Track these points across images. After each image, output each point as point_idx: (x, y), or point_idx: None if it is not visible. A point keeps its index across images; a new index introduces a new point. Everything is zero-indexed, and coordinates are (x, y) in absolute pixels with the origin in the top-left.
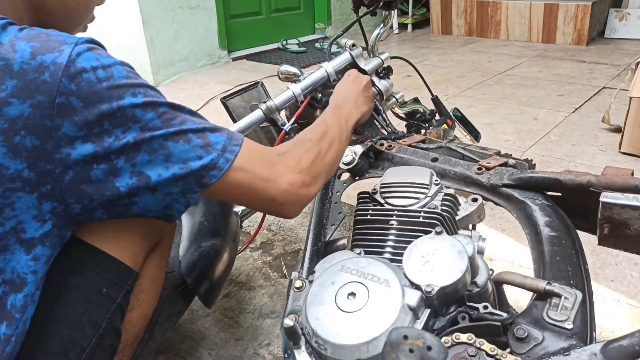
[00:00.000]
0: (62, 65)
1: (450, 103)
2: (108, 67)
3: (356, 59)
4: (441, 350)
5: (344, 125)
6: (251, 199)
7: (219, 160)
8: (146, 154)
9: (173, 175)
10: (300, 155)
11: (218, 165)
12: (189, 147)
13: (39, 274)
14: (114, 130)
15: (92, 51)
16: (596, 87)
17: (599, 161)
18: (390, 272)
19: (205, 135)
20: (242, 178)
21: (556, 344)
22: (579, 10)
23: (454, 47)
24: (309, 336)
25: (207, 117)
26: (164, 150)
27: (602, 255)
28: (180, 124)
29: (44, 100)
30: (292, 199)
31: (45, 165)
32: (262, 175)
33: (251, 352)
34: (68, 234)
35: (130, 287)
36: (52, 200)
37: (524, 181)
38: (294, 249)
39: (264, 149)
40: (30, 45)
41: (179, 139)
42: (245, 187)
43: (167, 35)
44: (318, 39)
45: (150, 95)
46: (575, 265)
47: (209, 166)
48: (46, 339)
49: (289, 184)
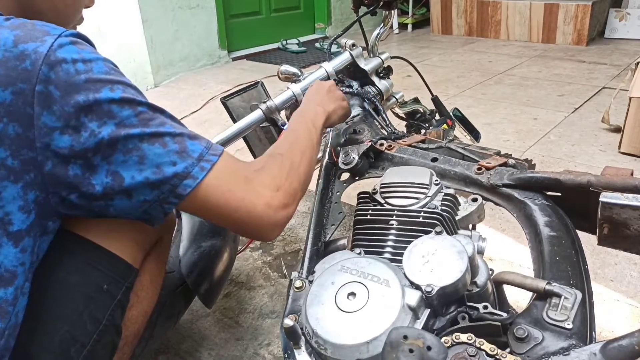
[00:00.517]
0: (42, 54)
1: (450, 103)
2: (88, 61)
3: (356, 59)
4: (441, 350)
5: (312, 128)
6: (227, 217)
7: (194, 169)
8: (121, 153)
9: (146, 179)
10: (275, 171)
11: (192, 174)
12: (164, 151)
13: (27, 265)
14: (89, 124)
15: (75, 45)
16: (596, 87)
17: (598, 161)
18: (390, 272)
19: (183, 140)
20: (217, 192)
21: (556, 344)
22: (579, 10)
23: (454, 47)
24: (309, 336)
25: (207, 117)
26: (139, 152)
27: (602, 255)
28: (158, 125)
29: (25, 87)
30: (271, 221)
31: (28, 153)
32: (238, 193)
33: (251, 352)
34: (50, 224)
35: (130, 284)
36: (35, 189)
37: (523, 181)
38: (294, 249)
39: (241, 163)
40: (13, 33)
41: (155, 141)
42: (221, 203)
43: (167, 35)
44: (318, 39)
45: (129, 93)
46: (575, 265)
47: (183, 174)
48: (46, 336)
49: (267, 205)
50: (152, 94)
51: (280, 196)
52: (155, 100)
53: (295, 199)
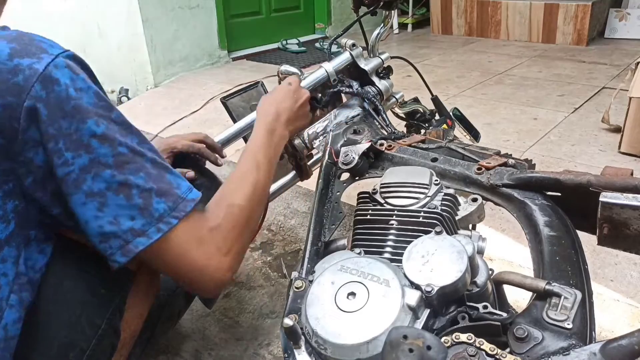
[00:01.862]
0: (37, 72)
1: (450, 103)
2: (79, 89)
3: (356, 59)
4: (441, 350)
5: (273, 159)
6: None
7: (150, 229)
8: (83, 195)
9: (99, 228)
10: (229, 232)
11: (147, 233)
12: (126, 204)
13: (10, 276)
14: (65, 152)
15: (70, 69)
16: (596, 87)
17: (598, 161)
18: (390, 272)
19: (149, 197)
20: (169, 254)
21: (556, 344)
22: (579, 10)
23: (454, 47)
24: (309, 336)
25: (207, 117)
26: (101, 199)
27: (602, 255)
28: (132, 172)
29: (14, 101)
30: (218, 283)
31: (10, 164)
32: (190, 257)
33: (251, 352)
34: (32, 234)
35: (127, 287)
36: (14, 198)
37: (523, 181)
38: (294, 249)
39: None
40: (9, 46)
41: (121, 191)
42: (171, 265)
43: (167, 35)
44: (318, 39)
45: (113, 130)
46: (575, 265)
47: (138, 231)
48: (45, 342)
49: (215, 269)
50: (152, 94)
51: (229, 260)
52: (155, 100)
53: (241, 257)
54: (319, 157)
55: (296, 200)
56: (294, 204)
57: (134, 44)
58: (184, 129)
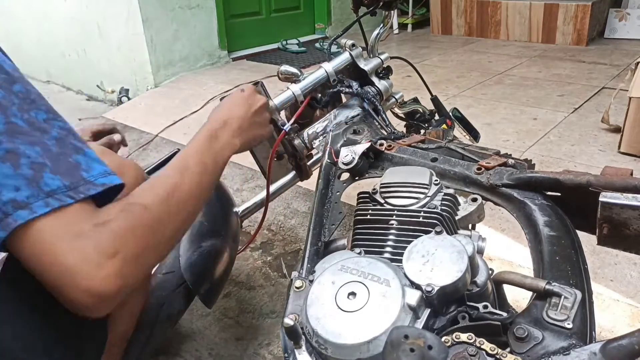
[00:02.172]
0: None
1: (450, 103)
2: None
3: (356, 59)
4: (441, 350)
5: (210, 167)
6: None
7: (36, 202)
8: None
9: None
10: (121, 229)
11: (32, 207)
12: (12, 173)
13: None
14: None
15: None
16: (596, 87)
17: (598, 161)
18: (391, 272)
19: (41, 169)
20: (43, 238)
21: (556, 344)
22: (578, 10)
23: (454, 47)
24: (310, 336)
25: (207, 117)
26: None
27: (602, 255)
28: (24, 144)
29: None
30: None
31: None
32: (58, 248)
33: (251, 352)
34: None
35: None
36: None
37: (523, 181)
38: (294, 249)
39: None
40: None
41: (7, 159)
42: (36, 252)
43: (167, 35)
44: (318, 39)
45: (10, 102)
46: (575, 264)
47: (21, 203)
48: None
49: (89, 274)
50: (152, 94)
51: (115, 266)
52: (155, 100)
53: (142, 268)
54: (319, 157)
55: (296, 200)
56: (294, 204)
57: (134, 44)
58: (184, 129)
